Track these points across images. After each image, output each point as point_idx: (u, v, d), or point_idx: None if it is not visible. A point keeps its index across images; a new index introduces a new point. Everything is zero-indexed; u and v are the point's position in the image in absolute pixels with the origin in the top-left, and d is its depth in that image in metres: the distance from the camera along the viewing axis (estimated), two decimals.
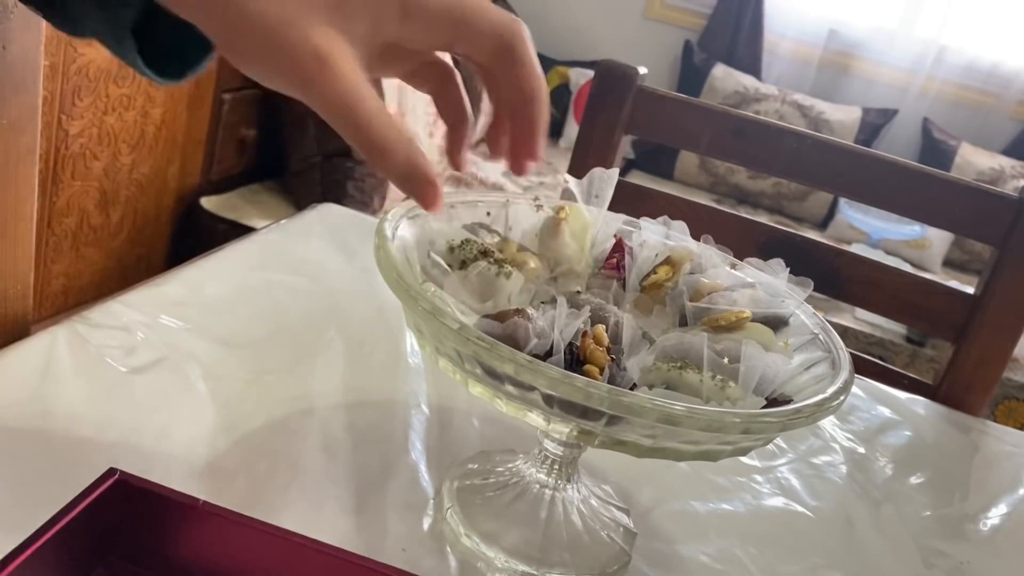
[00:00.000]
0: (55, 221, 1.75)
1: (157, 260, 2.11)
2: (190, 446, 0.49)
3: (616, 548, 0.49)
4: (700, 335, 0.45)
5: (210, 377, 0.55)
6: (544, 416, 0.40)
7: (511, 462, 0.52)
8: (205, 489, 0.46)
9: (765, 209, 3.03)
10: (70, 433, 0.47)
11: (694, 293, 0.50)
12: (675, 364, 0.43)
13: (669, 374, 0.42)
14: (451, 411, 0.59)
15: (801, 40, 3.12)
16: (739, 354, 0.43)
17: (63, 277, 1.83)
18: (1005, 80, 2.99)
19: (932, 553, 0.58)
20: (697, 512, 0.56)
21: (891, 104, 3.06)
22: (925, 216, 0.93)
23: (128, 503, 0.36)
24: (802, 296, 0.51)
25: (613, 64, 0.96)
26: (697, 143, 0.99)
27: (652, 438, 0.39)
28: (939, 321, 0.90)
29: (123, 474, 0.36)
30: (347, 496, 0.48)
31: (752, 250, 0.55)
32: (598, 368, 0.40)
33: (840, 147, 0.93)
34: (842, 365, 0.45)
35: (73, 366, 0.52)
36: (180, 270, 0.67)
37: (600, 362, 0.40)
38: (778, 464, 0.64)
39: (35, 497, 0.42)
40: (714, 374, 0.42)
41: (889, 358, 2.31)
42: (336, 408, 0.56)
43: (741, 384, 0.42)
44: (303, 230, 0.81)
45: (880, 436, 0.72)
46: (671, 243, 0.54)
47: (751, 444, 0.42)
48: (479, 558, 0.46)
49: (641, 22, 3.22)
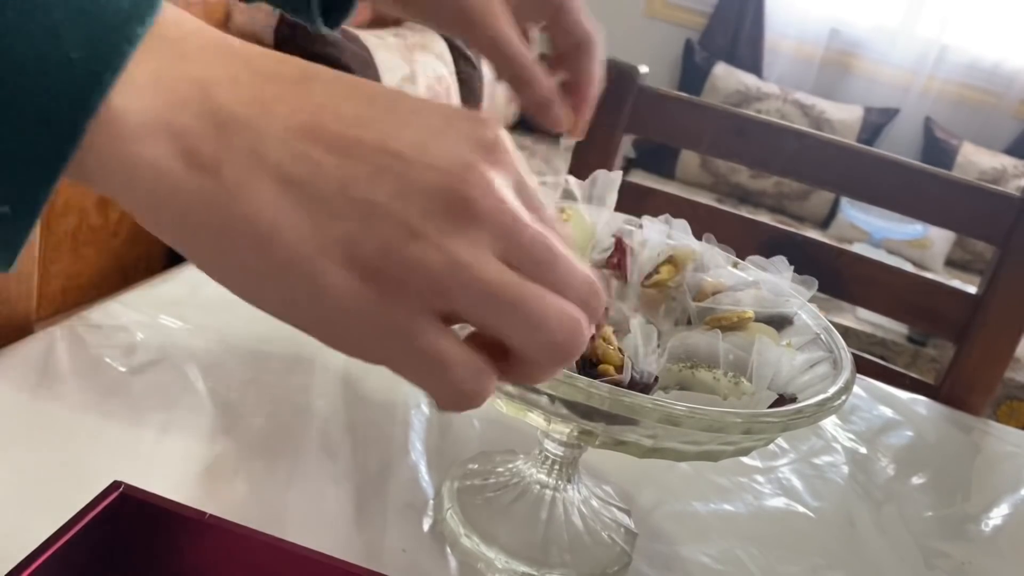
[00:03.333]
0: (54, 221, 1.75)
1: (156, 260, 2.10)
2: (189, 446, 0.48)
3: (617, 549, 0.49)
4: (710, 333, 0.45)
5: (210, 377, 0.55)
6: (544, 416, 0.40)
7: (511, 462, 0.52)
8: (204, 490, 0.46)
9: (766, 208, 3.03)
10: (69, 433, 0.47)
11: (698, 293, 0.50)
12: (686, 364, 0.43)
13: (682, 375, 0.42)
14: None
15: (802, 39, 3.11)
16: (745, 351, 0.43)
17: (62, 277, 1.83)
18: (1007, 79, 2.99)
19: (934, 554, 0.58)
20: (698, 513, 0.56)
21: (893, 103, 3.06)
22: (927, 216, 0.93)
23: (132, 517, 0.35)
24: (806, 296, 0.50)
25: (614, 63, 0.96)
26: (698, 142, 0.98)
27: (653, 438, 0.39)
28: (941, 321, 0.90)
29: (127, 487, 0.35)
30: (347, 496, 0.48)
31: (753, 249, 0.55)
32: (613, 367, 0.40)
33: (842, 146, 0.92)
34: (844, 365, 0.45)
35: (72, 366, 0.52)
36: (179, 270, 0.67)
37: (614, 361, 0.40)
38: (779, 464, 0.64)
39: (35, 498, 0.42)
40: (725, 371, 0.42)
41: (891, 358, 2.31)
42: (336, 408, 0.55)
43: (754, 380, 0.42)
44: None
45: (882, 436, 0.72)
46: (673, 242, 0.54)
47: (752, 444, 0.42)
48: (479, 558, 0.46)
49: (642, 21, 3.22)
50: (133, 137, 0.23)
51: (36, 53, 0.21)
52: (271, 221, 0.24)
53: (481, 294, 0.25)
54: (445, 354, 0.26)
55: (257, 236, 0.24)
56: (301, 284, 0.25)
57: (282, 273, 0.25)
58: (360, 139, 0.25)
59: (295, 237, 0.24)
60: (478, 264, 0.25)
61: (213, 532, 0.36)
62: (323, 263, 0.24)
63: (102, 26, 0.22)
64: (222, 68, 0.25)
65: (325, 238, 0.24)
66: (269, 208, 0.24)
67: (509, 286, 0.26)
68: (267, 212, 0.24)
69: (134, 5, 0.23)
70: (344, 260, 0.24)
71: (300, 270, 0.24)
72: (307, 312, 0.26)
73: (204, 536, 0.36)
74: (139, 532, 0.36)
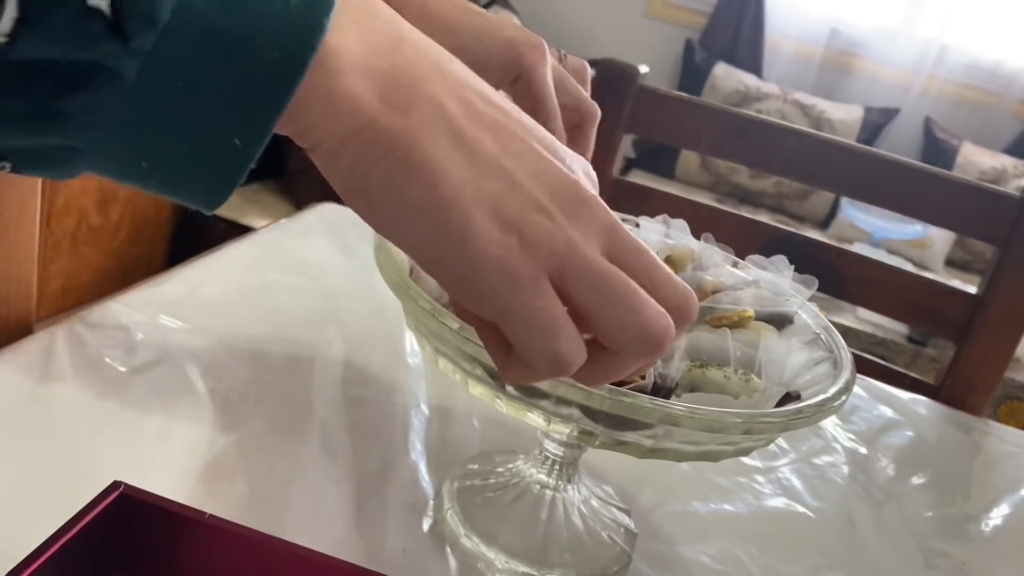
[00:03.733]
0: (54, 221, 1.75)
1: (156, 260, 2.11)
2: (189, 446, 0.48)
3: (617, 549, 0.49)
4: (717, 331, 0.45)
5: (209, 377, 0.55)
6: (544, 416, 0.40)
7: (511, 462, 0.52)
8: (204, 490, 0.46)
9: (766, 208, 3.03)
10: (69, 433, 0.47)
11: (698, 292, 0.50)
12: (695, 363, 0.43)
13: (692, 375, 0.42)
14: (451, 411, 0.59)
15: (803, 39, 3.11)
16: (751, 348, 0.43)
17: (62, 277, 1.83)
18: (1007, 79, 2.99)
19: (934, 554, 0.58)
20: (698, 513, 0.56)
21: (893, 103, 3.05)
22: (927, 215, 0.93)
23: (132, 517, 0.35)
24: (806, 295, 0.50)
25: (614, 63, 0.96)
26: (698, 142, 0.98)
27: (653, 439, 0.39)
28: (941, 321, 0.90)
29: (127, 487, 0.35)
30: (347, 496, 0.48)
31: (753, 249, 0.55)
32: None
33: (842, 146, 0.92)
34: (844, 365, 0.45)
35: (72, 366, 0.52)
36: (179, 270, 0.67)
37: None
38: (779, 464, 0.64)
39: (34, 498, 0.42)
40: (735, 369, 0.42)
41: (891, 358, 2.30)
42: (336, 408, 0.55)
43: (764, 376, 0.42)
44: (303, 230, 0.81)
45: (882, 436, 0.72)
46: (671, 242, 0.54)
47: (752, 444, 0.42)
48: (479, 559, 0.46)
49: (642, 21, 3.22)
50: (341, 72, 0.26)
51: (263, 2, 0.24)
52: (443, 164, 0.28)
53: (591, 271, 0.29)
54: (558, 318, 0.29)
55: (430, 174, 0.28)
56: (454, 222, 0.28)
57: (442, 210, 0.28)
58: (508, 123, 0.30)
59: (459, 182, 0.28)
60: (589, 248, 0.29)
61: (213, 532, 0.36)
62: (476, 209, 0.28)
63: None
64: (404, 31, 0.29)
65: (479, 190, 0.28)
66: (443, 154, 0.28)
67: (613, 271, 0.29)
68: (441, 156, 0.28)
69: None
70: (491, 212, 0.28)
71: (457, 210, 0.28)
72: (451, 250, 0.28)
73: (204, 536, 0.36)
74: (139, 532, 0.36)
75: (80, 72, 0.23)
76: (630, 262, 0.30)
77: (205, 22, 0.23)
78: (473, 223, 0.28)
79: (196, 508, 0.36)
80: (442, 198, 0.28)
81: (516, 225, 0.28)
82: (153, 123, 0.25)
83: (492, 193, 0.28)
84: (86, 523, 0.33)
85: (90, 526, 0.34)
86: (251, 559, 0.36)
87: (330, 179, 0.29)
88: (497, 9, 3.01)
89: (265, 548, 0.36)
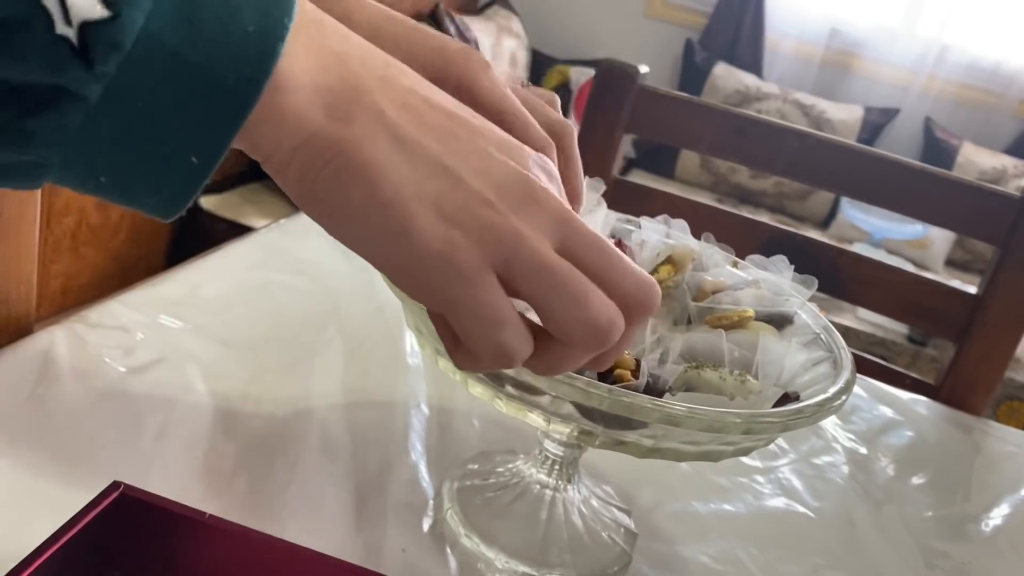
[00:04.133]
0: (54, 221, 1.75)
1: (156, 260, 2.10)
2: (189, 446, 0.48)
3: (617, 549, 0.49)
4: (712, 332, 0.45)
5: (209, 377, 0.55)
6: (544, 416, 0.40)
7: (511, 462, 0.52)
8: (204, 490, 0.46)
9: (767, 208, 3.03)
10: (69, 434, 0.47)
11: (698, 292, 0.50)
12: (691, 364, 0.43)
13: (687, 375, 0.42)
14: (451, 411, 0.59)
15: (803, 39, 3.11)
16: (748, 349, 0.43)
17: (62, 277, 1.83)
18: (1007, 79, 2.99)
19: (934, 554, 0.58)
20: (698, 513, 0.56)
21: (893, 103, 3.05)
22: (927, 215, 0.93)
23: (132, 517, 0.35)
24: (806, 295, 0.50)
25: (614, 63, 0.96)
26: (698, 142, 0.98)
27: (653, 439, 0.39)
28: (941, 321, 0.90)
29: (127, 487, 0.35)
30: (347, 496, 0.48)
31: (754, 249, 0.55)
32: (627, 369, 0.40)
33: (842, 146, 0.92)
34: (844, 365, 0.45)
35: (72, 366, 0.52)
36: (179, 270, 0.67)
37: (627, 364, 0.40)
38: (779, 464, 0.64)
39: (34, 498, 0.42)
40: (731, 370, 0.42)
41: (891, 358, 2.31)
42: (336, 408, 0.55)
43: (760, 377, 0.42)
44: (302, 229, 0.81)
45: (882, 436, 0.72)
46: (672, 242, 0.54)
47: (752, 444, 0.42)
48: (479, 559, 0.46)
49: (642, 21, 3.22)
50: (290, 91, 0.28)
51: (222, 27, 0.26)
52: (383, 166, 0.29)
53: (537, 264, 0.30)
54: (503, 310, 0.30)
55: (371, 177, 0.29)
56: (396, 219, 0.29)
57: (383, 208, 0.29)
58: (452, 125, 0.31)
59: (398, 181, 0.29)
60: (537, 241, 0.30)
61: (213, 532, 0.36)
62: (417, 206, 0.29)
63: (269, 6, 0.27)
64: (351, 47, 0.30)
65: (420, 189, 0.29)
66: (383, 157, 0.29)
67: (561, 263, 0.30)
68: (381, 159, 0.29)
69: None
70: (433, 208, 0.29)
71: (397, 208, 0.29)
72: (395, 247, 0.30)
73: (204, 536, 0.36)
74: (139, 532, 0.36)
75: (46, 94, 0.24)
76: (584, 255, 0.31)
77: (167, 48, 0.25)
78: (414, 219, 0.29)
79: (196, 508, 0.36)
80: (383, 197, 0.29)
81: (459, 220, 0.29)
82: (114, 141, 0.26)
83: (434, 190, 0.29)
84: (86, 523, 0.33)
85: (90, 526, 0.33)
86: (251, 559, 0.36)
87: (283, 188, 0.31)
88: (496, 10, 3.01)
89: (265, 548, 0.36)
